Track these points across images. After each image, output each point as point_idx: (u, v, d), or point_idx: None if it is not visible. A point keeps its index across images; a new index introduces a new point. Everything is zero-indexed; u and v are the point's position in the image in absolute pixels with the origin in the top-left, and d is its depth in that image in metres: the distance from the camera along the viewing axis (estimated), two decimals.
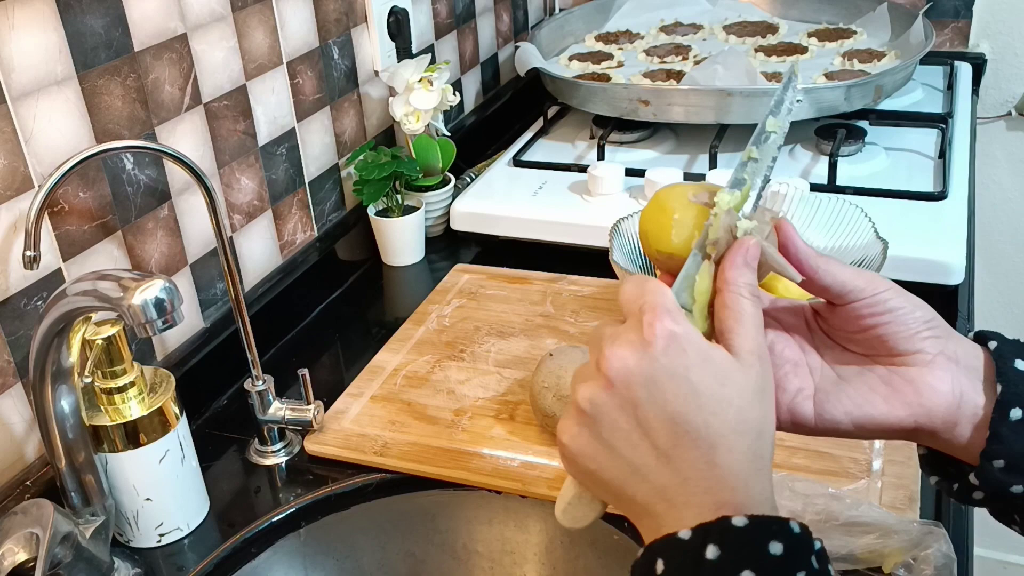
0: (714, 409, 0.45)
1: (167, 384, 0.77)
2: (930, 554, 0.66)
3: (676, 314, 0.47)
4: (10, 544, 0.66)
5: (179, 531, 0.80)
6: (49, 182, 0.68)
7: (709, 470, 0.45)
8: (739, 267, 0.49)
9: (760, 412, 0.47)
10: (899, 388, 0.52)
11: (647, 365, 0.46)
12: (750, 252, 0.50)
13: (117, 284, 0.64)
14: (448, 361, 0.98)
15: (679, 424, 0.45)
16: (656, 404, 0.46)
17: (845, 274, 0.52)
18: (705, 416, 0.45)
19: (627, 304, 0.49)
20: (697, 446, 0.45)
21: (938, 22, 1.57)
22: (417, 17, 1.30)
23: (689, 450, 0.45)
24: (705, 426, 0.45)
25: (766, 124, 0.55)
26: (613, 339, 0.47)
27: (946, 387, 0.51)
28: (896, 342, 0.52)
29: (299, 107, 1.08)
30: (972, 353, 0.52)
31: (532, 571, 0.85)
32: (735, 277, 0.49)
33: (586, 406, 0.48)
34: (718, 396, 0.46)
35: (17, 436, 0.78)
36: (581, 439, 0.48)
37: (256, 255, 1.04)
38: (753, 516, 0.43)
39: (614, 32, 1.64)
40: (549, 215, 1.18)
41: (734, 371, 0.47)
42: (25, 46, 0.74)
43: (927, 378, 0.51)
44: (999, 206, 1.69)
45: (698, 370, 0.46)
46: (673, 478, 0.46)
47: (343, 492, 0.84)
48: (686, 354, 0.46)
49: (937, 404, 0.51)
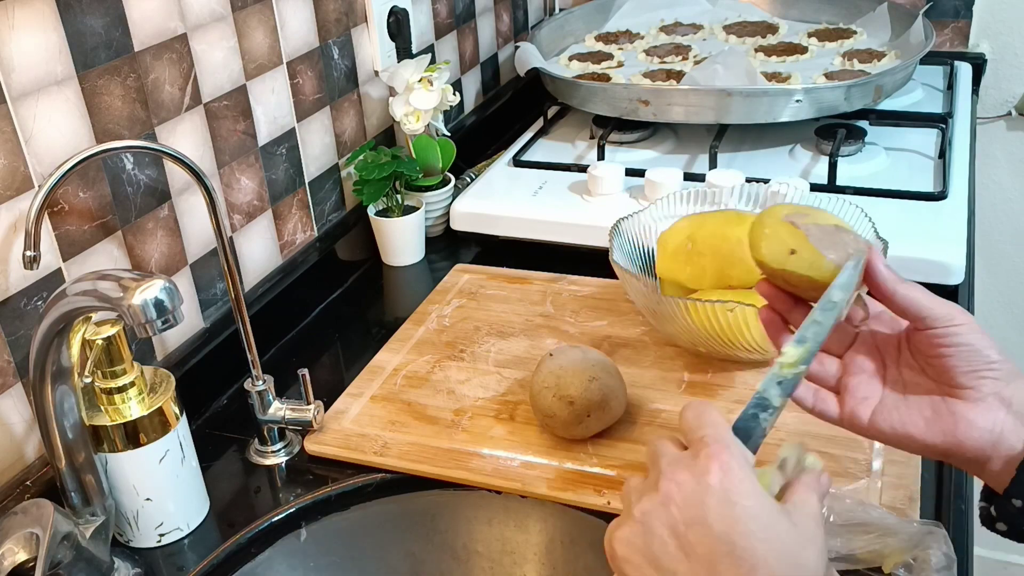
0: (763, 536, 0.47)
1: (167, 384, 0.77)
2: (930, 554, 0.66)
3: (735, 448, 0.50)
4: (10, 544, 0.66)
5: (179, 531, 0.80)
6: (49, 182, 0.68)
7: None
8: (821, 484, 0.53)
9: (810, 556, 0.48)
10: (942, 416, 0.56)
11: (703, 490, 0.48)
12: (824, 480, 0.53)
13: (117, 284, 0.64)
14: (448, 361, 0.98)
15: (726, 544, 0.47)
16: (706, 524, 0.48)
17: (923, 301, 0.56)
18: (752, 541, 0.47)
19: (688, 432, 0.52)
20: (739, 565, 0.47)
21: (938, 22, 1.57)
22: (417, 17, 1.30)
23: (731, 568, 0.47)
24: (751, 549, 0.47)
25: (832, 295, 0.57)
26: (675, 461, 0.51)
27: (986, 425, 0.55)
28: (954, 375, 0.56)
29: (299, 107, 1.08)
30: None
31: (532, 571, 0.85)
32: (814, 485, 0.52)
33: (641, 518, 0.50)
34: (768, 526, 0.48)
35: (17, 436, 0.78)
36: (631, 549, 0.51)
37: (256, 255, 1.04)
38: None
39: (614, 32, 1.64)
40: (549, 215, 1.18)
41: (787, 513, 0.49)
42: (25, 46, 0.74)
43: (969, 414, 0.55)
44: (999, 206, 1.68)
45: (752, 499, 0.48)
46: None
47: (343, 492, 0.84)
48: (742, 484, 0.48)
49: (972, 439, 0.55)
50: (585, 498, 0.79)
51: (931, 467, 0.79)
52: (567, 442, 0.84)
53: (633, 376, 0.92)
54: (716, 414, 0.52)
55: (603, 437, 0.84)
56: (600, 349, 0.95)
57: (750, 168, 1.20)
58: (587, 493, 0.79)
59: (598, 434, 0.84)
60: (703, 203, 1.03)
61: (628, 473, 0.80)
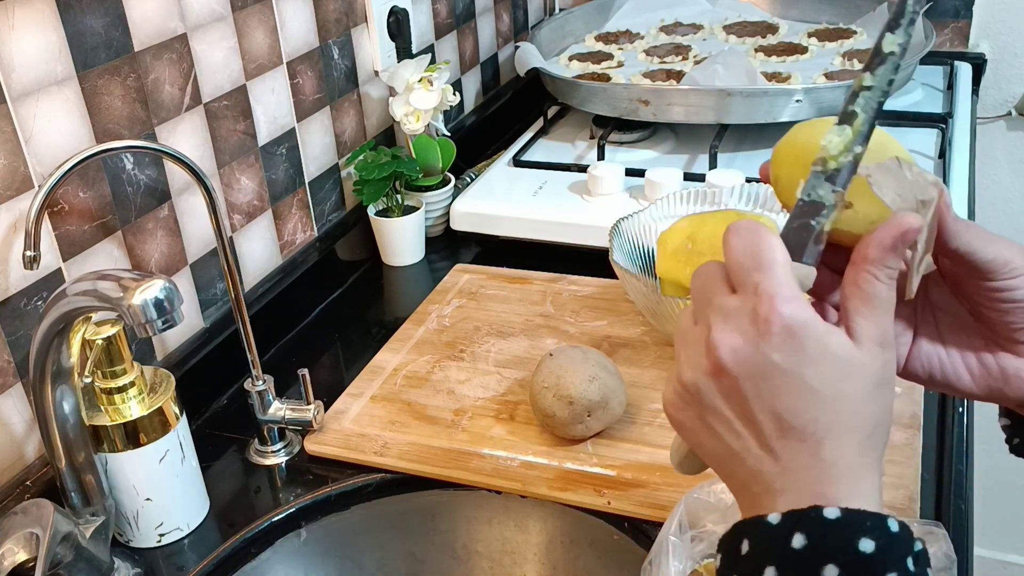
0: (827, 406, 0.43)
1: (167, 384, 0.77)
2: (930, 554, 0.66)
3: (795, 302, 0.43)
4: (10, 544, 0.66)
5: (179, 531, 0.80)
6: (49, 182, 0.68)
7: (813, 463, 0.43)
8: (886, 249, 0.44)
9: (878, 406, 0.44)
10: (990, 370, 0.51)
11: (760, 360, 0.43)
12: (907, 236, 0.44)
13: (117, 284, 0.64)
14: (448, 361, 0.98)
15: (786, 419, 0.43)
16: (764, 399, 0.44)
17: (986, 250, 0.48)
18: (816, 413, 0.43)
19: (738, 269, 0.45)
20: (803, 440, 0.43)
21: (938, 22, 1.57)
22: (417, 17, 1.30)
23: (794, 443, 0.44)
24: (815, 422, 0.43)
25: (883, 44, 0.46)
26: (725, 318, 0.44)
27: None
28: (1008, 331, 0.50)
29: (299, 107, 1.08)
30: None
31: (532, 571, 0.85)
32: (878, 257, 0.44)
33: (691, 388, 0.46)
34: (833, 393, 0.43)
35: (17, 436, 0.78)
36: (684, 415, 0.47)
37: (256, 255, 1.04)
38: (847, 509, 0.42)
39: (614, 32, 1.64)
40: (549, 215, 1.18)
41: (854, 365, 0.43)
42: (25, 46, 0.74)
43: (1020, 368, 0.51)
44: (999, 206, 1.68)
45: (814, 367, 0.43)
46: (773, 467, 0.44)
47: (343, 492, 0.84)
48: (804, 350, 0.43)
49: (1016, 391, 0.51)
50: (585, 498, 0.79)
51: (931, 467, 0.79)
52: (567, 442, 0.84)
53: (633, 376, 0.92)
54: (771, 247, 0.44)
55: (603, 437, 0.84)
56: (600, 349, 0.95)
57: (750, 168, 1.20)
58: (587, 493, 0.79)
59: (598, 434, 0.84)
60: (703, 203, 1.03)
61: (628, 473, 0.80)
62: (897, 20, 0.46)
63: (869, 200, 0.45)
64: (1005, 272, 0.48)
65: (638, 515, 0.77)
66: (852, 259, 0.45)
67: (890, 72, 0.46)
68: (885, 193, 0.45)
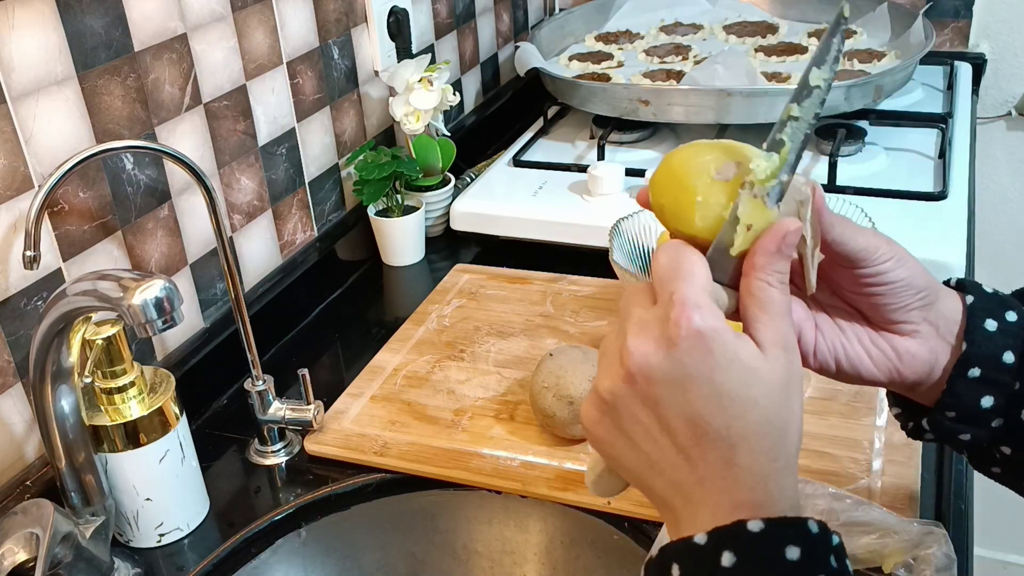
0: (737, 412, 0.44)
1: (167, 384, 0.77)
2: (930, 554, 0.66)
3: (706, 309, 0.45)
4: (10, 544, 0.66)
5: (179, 531, 0.80)
6: (49, 182, 0.68)
7: (727, 470, 0.44)
8: (771, 254, 0.46)
9: (786, 410, 0.46)
10: (885, 352, 0.55)
11: (669, 366, 0.44)
12: (788, 239, 0.47)
13: (117, 284, 0.64)
14: (448, 361, 0.98)
15: (699, 425, 0.44)
16: (676, 404, 0.45)
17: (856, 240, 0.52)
18: (727, 418, 0.44)
19: (659, 282, 0.47)
20: (716, 447, 0.44)
21: (938, 22, 1.57)
22: (417, 17, 1.30)
23: (708, 450, 0.44)
24: (726, 428, 0.44)
25: (809, 77, 0.48)
26: (641, 327, 0.46)
27: (925, 355, 0.54)
28: (887, 313, 0.54)
29: (299, 107, 1.08)
30: (952, 310, 0.55)
31: (532, 571, 0.85)
32: (765, 264, 0.46)
33: (607, 396, 0.47)
34: (742, 397, 0.44)
35: (17, 436, 0.78)
36: (602, 427, 0.48)
37: (256, 255, 1.04)
38: (769, 519, 0.42)
39: (614, 32, 1.64)
40: (549, 215, 1.18)
41: (760, 370, 0.45)
42: (25, 46, 0.74)
43: (910, 347, 0.55)
44: (999, 206, 1.68)
45: (723, 372, 0.44)
46: (690, 476, 0.45)
47: (343, 492, 0.84)
48: (712, 355, 0.44)
49: (914, 370, 0.55)
50: (585, 498, 0.79)
51: (931, 467, 0.79)
52: (567, 442, 0.84)
53: None
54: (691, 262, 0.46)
55: None
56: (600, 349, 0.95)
57: None
58: (587, 493, 0.79)
59: None
60: None
61: None
62: (823, 56, 0.48)
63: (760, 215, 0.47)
64: (874, 258, 0.52)
65: (638, 515, 0.77)
66: (744, 270, 0.47)
67: (816, 105, 0.48)
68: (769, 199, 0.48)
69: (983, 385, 0.54)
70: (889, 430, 0.82)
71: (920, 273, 0.54)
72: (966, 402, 0.54)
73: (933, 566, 0.66)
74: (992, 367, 0.53)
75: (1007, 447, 0.55)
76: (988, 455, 0.57)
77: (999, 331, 0.54)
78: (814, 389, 0.87)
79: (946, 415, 0.55)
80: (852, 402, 0.85)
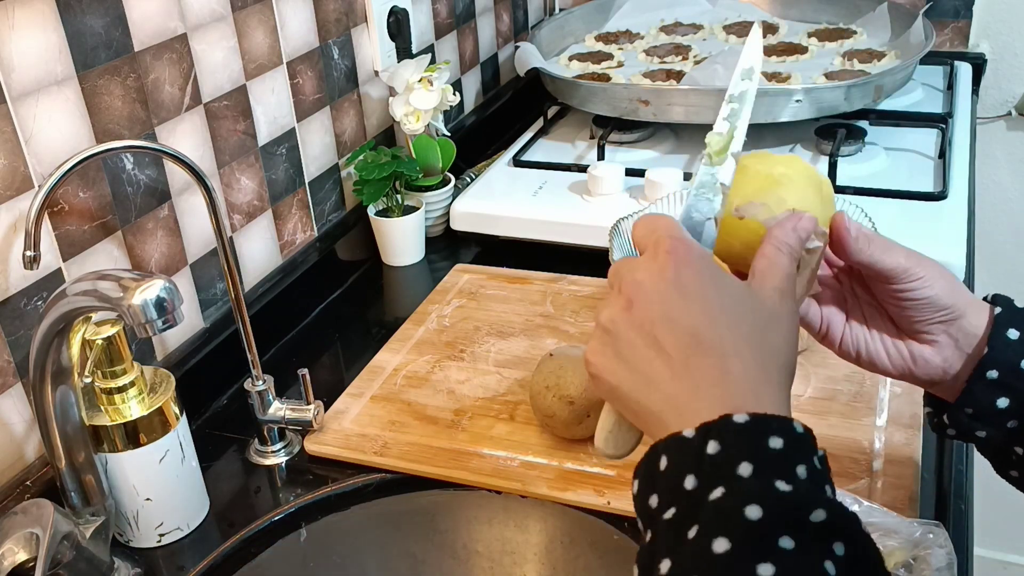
0: (729, 323, 0.48)
1: (167, 384, 0.77)
2: (930, 554, 0.66)
3: (692, 242, 0.50)
4: (10, 544, 0.66)
5: (179, 531, 0.80)
6: (49, 182, 0.68)
7: (722, 378, 0.47)
8: (788, 230, 0.52)
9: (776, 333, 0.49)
10: (902, 354, 0.61)
11: (664, 287, 0.48)
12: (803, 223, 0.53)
13: (117, 284, 0.64)
14: (448, 361, 0.98)
15: (692, 336, 0.47)
16: (670, 320, 0.48)
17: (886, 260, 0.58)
18: (719, 330, 0.47)
19: (641, 239, 0.52)
20: (710, 356, 0.47)
21: (938, 22, 1.57)
22: (417, 17, 1.30)
23: (702, 359, 0.47)
24: (719, 339, 0.47)
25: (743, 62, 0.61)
26: (633, 267, 0.50)
27: (938, 362, 0.60)
28: (911, 324, 0.60)
29: (299, 107, 1.08)
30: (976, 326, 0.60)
31: (532, 571, 0.85)
32: (782, 235, 0.52)
33: (607, 325, 0.50)
34: (733, 312, 0.48)
35: (17, 436, 0.78)
36: (603, 357, 0.51)
37: (256, 255, 1.04)
38: (755, 414, 0.44)
39: (614, 32, 1.64)
40: (549, 215, 1.18)
41: (750, 295, 0.50)
42: (25, 46, 0.74)
43: (924, 353, 0.61)
44: (999, 206, 1.68)
45: (714, 289, 0.48)
46: (685, 386, 0.47)
47: (343, 492, 0.84)
48: (702, 275, 0.49)
49: (926, 373, 0.61)
50: (585, 498, 0.79)
51: (931, 467, 0.79)
52: (567, 442, 0.84)
53: None
54: (665, 217, 0.52)
55: None
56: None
57: None
58: (587, 493, 0.79)
59: None
60: None
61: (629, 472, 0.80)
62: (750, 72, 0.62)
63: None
64: (904, 278, 0.58)
65: None
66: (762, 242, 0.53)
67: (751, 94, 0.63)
68: None
69: (999, 387, 0.58)
70: (889, 430, 0.82)
71: (948, 292, 0.59)
72: (982, 401, 0.59)
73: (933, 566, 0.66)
74: (1009, 371, 0.58)
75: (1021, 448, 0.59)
76: (1006, 457, 0.60)
77: (1020, 339, 0.59)
78: (814, 389, 0.87)
79: (964, 411, 0.60)
80: (852, 402, 0.85)
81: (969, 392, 0.59)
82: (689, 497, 0.43)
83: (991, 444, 0.61)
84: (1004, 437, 0.59)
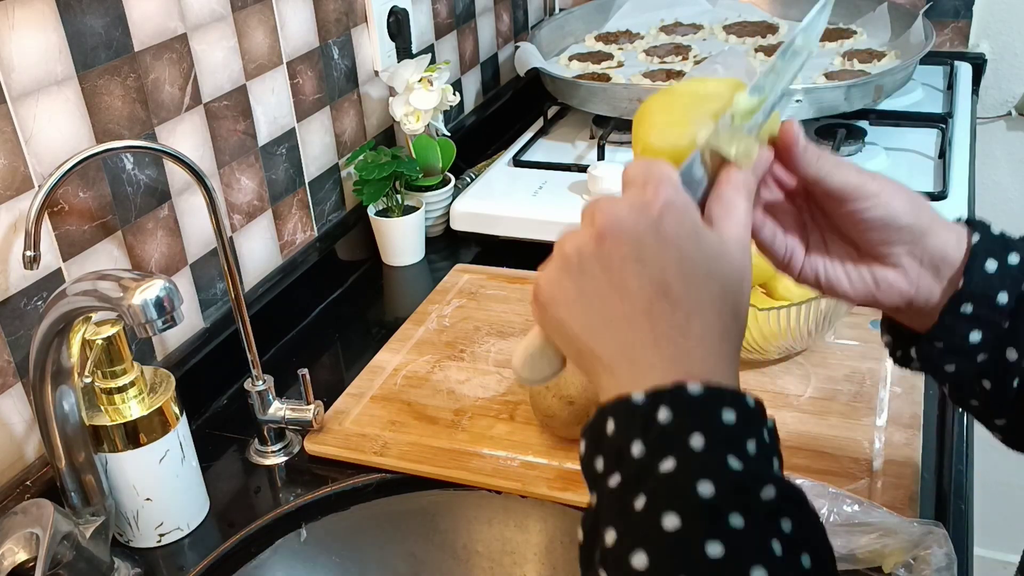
0: (699, 281, 0.45)
1: (167, 384, 0.77)
2: (930, 554, 0.66)
3: (683, 191, 0.47)
4: (10, 544, 0.66)
5: (179, 531, 0.80)
6: (49, 182, 0.68)
7: (682, 336, 0.45)
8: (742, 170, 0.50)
9: (739, 298, 0.47)
10: (864, 278, 0.57)
11: (643, 227, 0.45)
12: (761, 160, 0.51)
13: (117, 284, 0.64)
14: (448, 361, 0.98)
15: (660, 284, 0.45)
16: (641, 261, 0.45)
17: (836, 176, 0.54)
18: (688, 286, 0.45)
19: (632, 178, 0.48)
20: (674, 311, 0.45)
21: (938, 22, 1.57)
22: (417, 17, 1.30)
23: (666, 312, 0.45)
24: (687, 294, 0.45)
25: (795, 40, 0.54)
26: (612, 199, 0.47)
27: (903, 286, 0.56)
28: (869, 246, 0.56)
29: (299, 107, 1.08)
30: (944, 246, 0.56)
31: (532, 571, 0.85)
32: (737, 176, 0.50)
33: (572, 254, 0.47)
34: (705, 270, 0.46)
35: (17, 436, 0.78)
36: (559, 285, 0.48)
37: (256, 255, 1.04)
38: (709, 385, 0.43)
39: (614, 32, 1.64)
40: (549, 215, 1.18)
41: (725, 254, 0.47)
42: (25, 46, 0.74)
43: (887, 276, 0.56)
44: (999, 206, 1.69)
45: (691, 242, 0.46)
46: (645, 336, 0.45)
47: (343, 492, 0.84)
48: (683, 226, 0.46)
49: (890, 297, 0.57)
50: (585, 498, 0.78)
51: (931, 467, 0.79)
52: (567, 442, 0.84)
53: None
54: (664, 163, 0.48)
55: None
56: None
57: None
58: (587, 493, 0.79)
59: None
60: None
61: None
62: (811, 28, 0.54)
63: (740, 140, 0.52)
64: (855, 195, 0.54)
65: None
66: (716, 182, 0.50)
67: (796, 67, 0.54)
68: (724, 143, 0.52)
69: (974, 321, 0.55)
70: (889, 430, 0.82)
71: (906, 211, 0.55)
72: (955, 335, 0.55)
73: (933, 566, 0.66)
74: (984, 305, 0.55)
75: (987, 381, 0.56)
76: (969, 388, 0.58)
77: (998, 271, 0.55)
78: (814, 389, 0.87)
79: (935, 345, 0.56)
80: (852, 402, 0.85)
81: (941, 325, 0.55)
82: (636, 464, 0.42)
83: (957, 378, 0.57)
84: (974, 371, 0.56)
